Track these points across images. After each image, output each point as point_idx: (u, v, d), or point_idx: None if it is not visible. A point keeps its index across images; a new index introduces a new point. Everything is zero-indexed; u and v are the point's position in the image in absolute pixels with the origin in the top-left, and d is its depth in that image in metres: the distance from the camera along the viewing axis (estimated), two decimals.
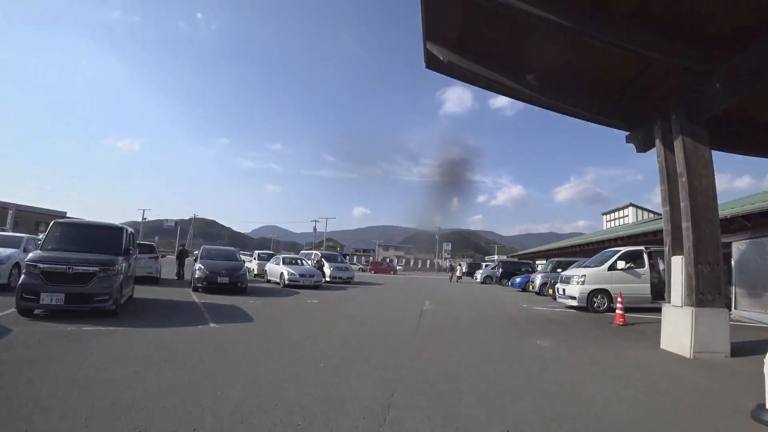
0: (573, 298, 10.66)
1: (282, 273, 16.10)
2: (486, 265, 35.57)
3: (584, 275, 10.63)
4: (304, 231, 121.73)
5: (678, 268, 6.04)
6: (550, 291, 14.39)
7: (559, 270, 16.48)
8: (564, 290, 11.22)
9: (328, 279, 20.28)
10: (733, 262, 10.21)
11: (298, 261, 18.31)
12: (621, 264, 10.62)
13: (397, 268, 78.89)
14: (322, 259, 19.95)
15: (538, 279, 17.01)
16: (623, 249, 11.27)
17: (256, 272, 19.41)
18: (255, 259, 21.45)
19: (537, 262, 33.07)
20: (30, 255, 6.76)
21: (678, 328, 5.81)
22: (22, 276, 6.34)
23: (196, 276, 11.36)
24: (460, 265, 34.67)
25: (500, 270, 25.75)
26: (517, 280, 20.34)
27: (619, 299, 8.72)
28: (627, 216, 38.78)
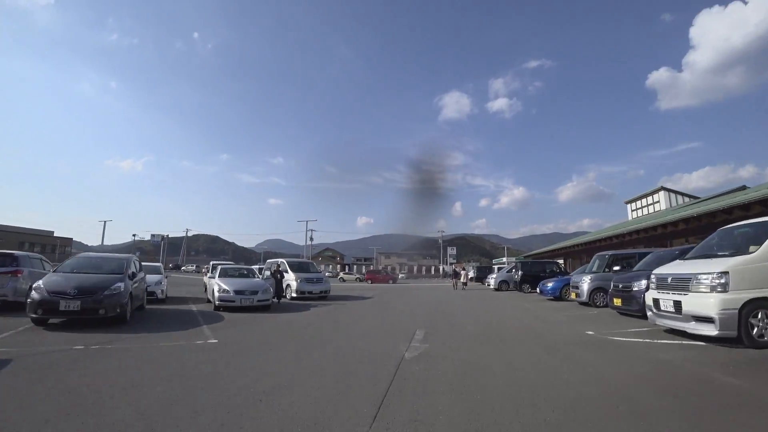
0: (709, 320, 5.33)
1: (213, 290, 11.05)
2: (499, 268, 29.99)
3: (727, 272, 5.31)
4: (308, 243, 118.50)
5: None
6: (617, 302, 9.08)
7: (616, 268, 11.17)
8: (676, 305, 5.90)
9: (294, 294, 15.10)
10: None
11: (246, 272, 13.18)
12: None
13: (400, 275, 73.55)
14: (282, 270, 14.72)
15: (585, 283, 11.61)
16: None
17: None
18: (208, 272, 16.18)
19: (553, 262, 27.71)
20: None
21: None
22: None
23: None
24: (464, 269, 29.23)
25: (519, 272, 20.29)
26: (549, 285, 14.90)
27: None
28: (657, 202, 33.37)
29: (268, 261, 19.29)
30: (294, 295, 15.15)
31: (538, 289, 15.89)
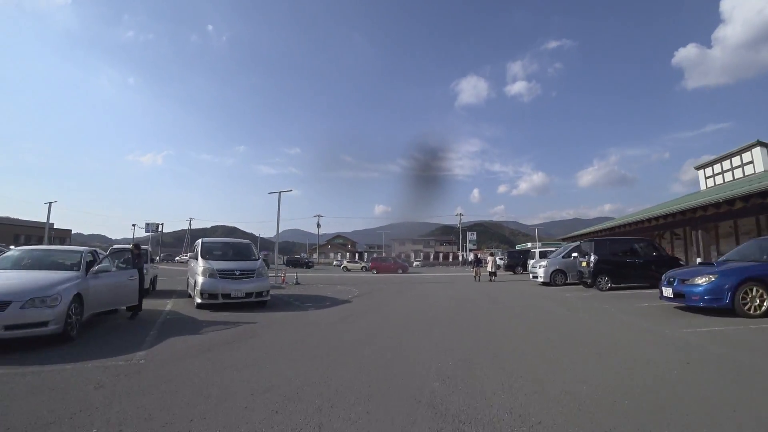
0: None
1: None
2: (543, 254, 22.07)
3: None
4: (326, 232, 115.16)
5: None
6: None
7: None
8: None
9: (199, 299, 8.63)
10: None
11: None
12: None
13: (414, 263, 66.65)
14: (139, 252, 8.34)
15: None
16: None
17: None
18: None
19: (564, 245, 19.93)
20: None
21: None
22: None
23: None
24: (492, 254, 22.12)
25: (592, 257, 12.42)
26: (700, 282, 6.91)
27: None
28: (750, 162, 25.13)
29: (203, 242, 10.59)
30: (199, 300, 8.62)
31: (670, 291, 7.96)
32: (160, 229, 57.90)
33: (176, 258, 56.95)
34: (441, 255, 79.20)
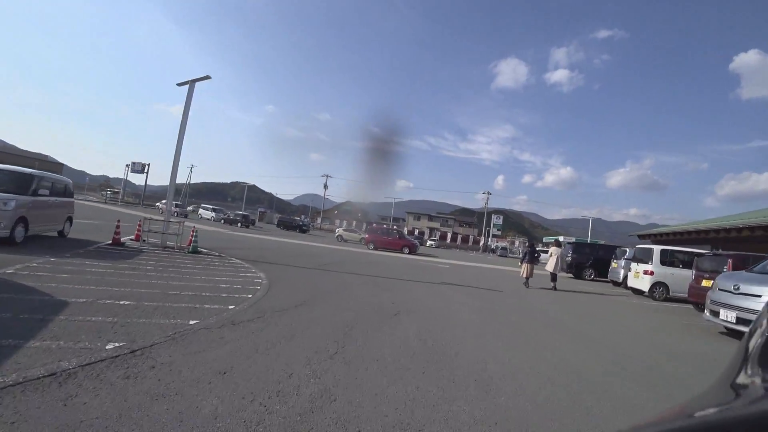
0: None
1: None
2: (641, 249, 13.77)
3: None
4: (345, 199, 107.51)
5: None
6: None
7: None
8: None
9: None
10: None
11: None
12: None
13: (429, 242, 58.01)
14: None
15: None
16: None
17: None
18: None
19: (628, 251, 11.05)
20: None
21: None
22: None
23: None
24: (559, 244, 13.36)
25: None
26: None
27: None
28: None
29: None
30: None
31: None
32: (146, 170, 51.06)
33: (157, 204, 50.73)
34: (459, 237, 70.40)
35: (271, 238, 22.38)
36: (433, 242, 57.05)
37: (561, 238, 17.39)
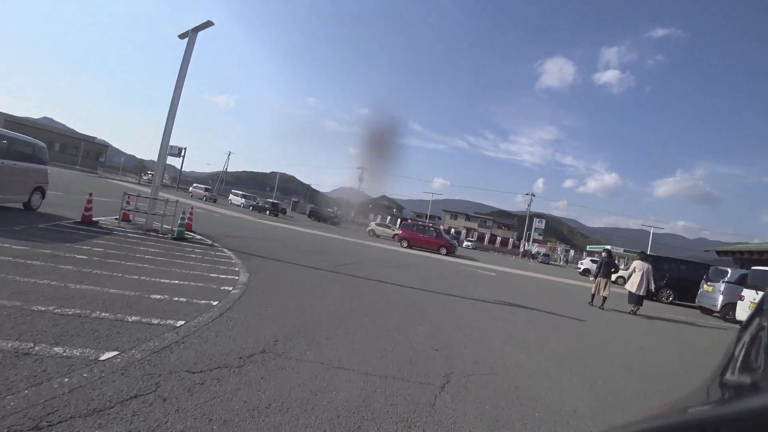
0: None
1: None
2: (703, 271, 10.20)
3: None
4: (381, 194, 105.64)
5: None
6: None
7: None
8: None
9: None
10: None
11: None
12: None
13: (465, 243, 54.58)
14: None
15: None
16: None
17: None
18: None
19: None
20: None
21: None
22: None
23: None
24: (646, 258, 10.17)
25: None
26: None
27: None
28: None
29: None
30: None
31: None
32: (182, 154, 51.46)
33: (189, 189, 51.15)
34: (498, 240, 66.27)
35: (294, 228, 20.53)
36: (470, 243, 53.68)
37: (608, 247, 14.05)
